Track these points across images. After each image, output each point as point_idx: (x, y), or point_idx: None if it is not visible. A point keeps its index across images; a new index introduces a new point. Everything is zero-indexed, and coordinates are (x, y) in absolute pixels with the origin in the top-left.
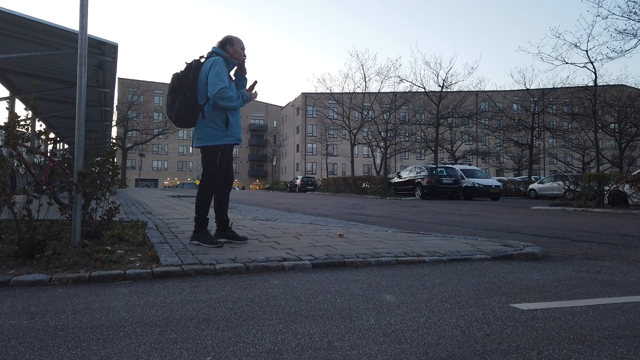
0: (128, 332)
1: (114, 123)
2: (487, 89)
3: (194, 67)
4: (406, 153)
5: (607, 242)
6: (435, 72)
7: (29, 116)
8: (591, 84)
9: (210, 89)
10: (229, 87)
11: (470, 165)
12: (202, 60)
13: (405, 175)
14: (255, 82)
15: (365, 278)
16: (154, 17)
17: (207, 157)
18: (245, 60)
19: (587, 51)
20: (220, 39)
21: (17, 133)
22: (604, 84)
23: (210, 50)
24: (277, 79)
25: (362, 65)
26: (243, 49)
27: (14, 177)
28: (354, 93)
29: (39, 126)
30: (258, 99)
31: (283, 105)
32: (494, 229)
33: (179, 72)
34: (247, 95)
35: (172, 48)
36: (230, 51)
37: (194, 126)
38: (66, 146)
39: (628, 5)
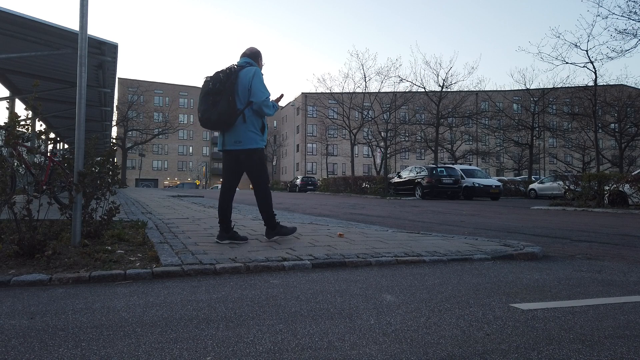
0: (128, 332)
1: (114, 123)
2: (487, 89)
3: (234, 73)
4: (406, 153)
5: (607, 242)
6: (435, 72)
7: (29, 116)
8: (591, 83)
9: (257, 96)
10: None
11: (470, 165)
12: (237, 68)
13: (405, 175)
14: (282, 95)
15: (366, 278)
16: (154, 17)
17: (251, 161)
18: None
19: (587, 51)
20: (252, 51)
21: (17, 133)
22: (604, 83)
23: (243, 59)
24: (277, 79)
25: (362, 65)
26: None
27: (14, 177)
28: (354, 93)
29: (39, 126)
30: None
31: (283, 105)
32: (494, 229)
33: (220, 75)
34: (277, 106)
35: (172, 48)
36: (260, 64)
37: (226, 130)
38: (66, 146)
39: (628, 5)
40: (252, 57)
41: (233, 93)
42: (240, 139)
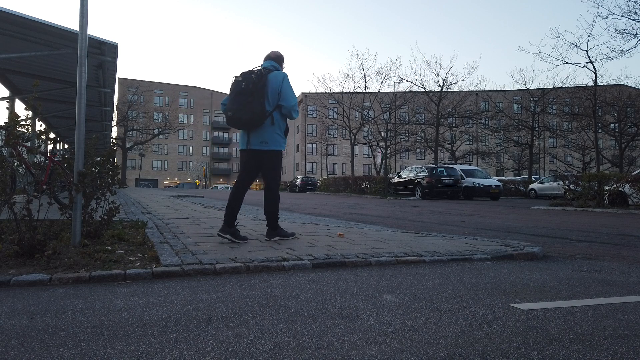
0: (128, 332)
1: (114, 123)
2: (487, 89)
3: (264, 76)
4: (406, 153)
5: (607, 242)
6: (435, 72)
7: (29, 116)
8: (591, 83)
9: (288, 100)
10: None
11: (470, 165)
12: (265, 71)
13: (405, 175)
14: (300, 101)
15: (365, 278)
16: (154, 17)
17: (272, 162)
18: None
19: (587, 51)
20: (276, 54)
21: (17, 133)
22: (604, 83)
23: (268, 62)
24: None
25: (362, 65)
26: None
27: (14, 177)
28: (354, 93)
29: (39, 126)
30: None
31: None
32: (494, 229)
33: (252, 76)
34: (299, 111)
35: (172, 48)
36: (283, 68)
37: (253, 130)
38: (66, 146)
39: (628, 5)
40: (277, 61)
41: (263, 95)
42: (267, 140)
